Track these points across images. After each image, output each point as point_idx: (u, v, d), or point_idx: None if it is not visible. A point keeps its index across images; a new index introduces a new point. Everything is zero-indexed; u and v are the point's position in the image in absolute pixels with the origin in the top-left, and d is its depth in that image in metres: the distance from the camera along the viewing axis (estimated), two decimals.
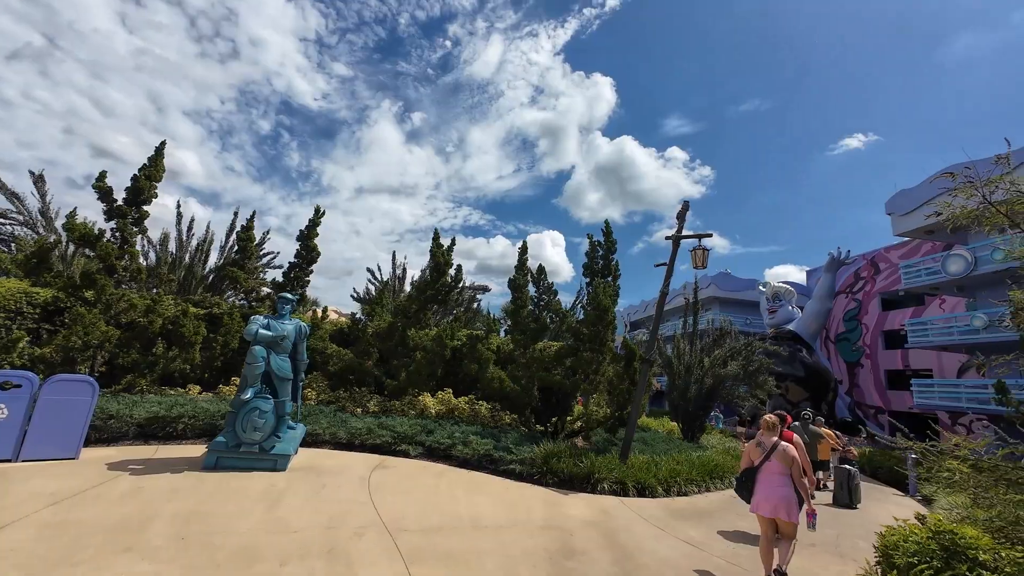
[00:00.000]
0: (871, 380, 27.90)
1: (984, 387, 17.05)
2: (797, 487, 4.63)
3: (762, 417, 5.10)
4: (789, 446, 4.78)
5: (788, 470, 4.67)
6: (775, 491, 4.61)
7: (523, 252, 12.16)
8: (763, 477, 4.76)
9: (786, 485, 4.62)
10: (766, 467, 4.76)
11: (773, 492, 4.61)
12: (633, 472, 7.95)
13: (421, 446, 8.88)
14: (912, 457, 11.87)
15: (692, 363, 14.00)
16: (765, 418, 5.04)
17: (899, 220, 20.56)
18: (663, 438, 12.94)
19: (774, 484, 4.65)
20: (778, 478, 4.66)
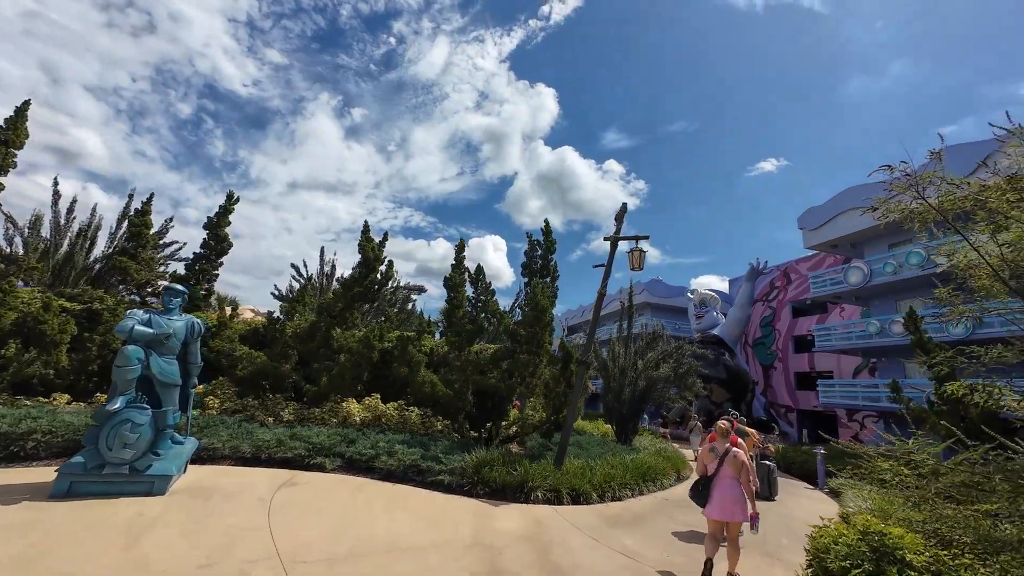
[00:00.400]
0: (783, 381, 30.29)
1: (875, 386, 18.95)
2: (744, 490, 4.84)
3: (717, 424, 5.30)
4: (739, 452, 5.00)
5: (738, 474, 4.88)
6: (728, 495, 4.80)
7: (460, 250, 11.61)
8: (717, 482, 4.93)
9: (737, 488, 4.84)
10: (719, 473, 4.94)
11: (726, 496, 4.80)
12: (568, 479, 7.65)
13: (340, 458, 8.00)
14: (821, 454, 12.76)
15: (627, 366, 14.16)
16: (719, 424, 5.24)
17: (809, 234, 22.48)
18: (598, 441, 12.90)
19: (727, 488, 4.85)
20: (730, 482, 4.87)
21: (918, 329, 11.12)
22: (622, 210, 9.77)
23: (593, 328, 9.04)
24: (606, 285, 9.21)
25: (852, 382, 20.83)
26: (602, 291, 9.20)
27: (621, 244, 9.61)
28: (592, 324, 9.06)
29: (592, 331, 9.04)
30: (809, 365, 28.77)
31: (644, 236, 9.26)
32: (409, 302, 17.39)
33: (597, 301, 9.21)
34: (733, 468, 4.90)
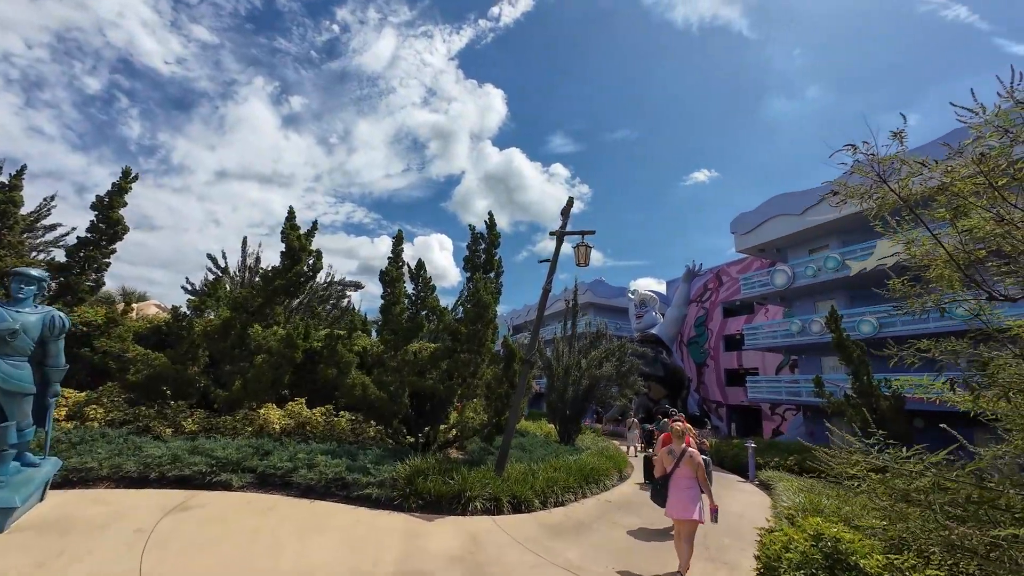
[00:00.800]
0: (714, 378, 31.95)
1: (796, 382, 20.31)
2: (701, 487, 5.04)
3: (671, 424, 5.54)
4: (695, 452, 5.17)
5: (694, 473, 5.04)
6: (685, 494, 4.95)
7: (398, 242, 10.82)
8: (674, 482, 5.07)
9: (694, 487, 4.99)
10: (676, 473, 5.10)
11: (684, 495, 4.95)
12: (509, 485, 7.18)
13: (251, 473, 6.99)
14: (751, 447, 13.27)
15: (571, 364, 13.99)
16: (674, 426, 5.42)
17: (740, 238, 23.74)
18: (541, 442, 12.58)
19: (684, 488, 4.99)
20: (687, 481, 5.02)
21: (838, 328, 11.82)
22: (568, 204, 9.48)
23: (537, 326, 8.65)
24: (551, 281, 8.87)
25: (776, 378, 22.22)
26: (547, 287, 8.84)
27: (567, 240, 9.31)
28: (537, 321, 8.67)
29: (536, 329, 8.65)
30: (738, 363, 30.54)
31: (590, 231, 9.02)
32: (344, 299, 16.19)
33: (542, 298, 8.84)
34: (690, 468, 5.06)
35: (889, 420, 11.09)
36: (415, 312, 10.72)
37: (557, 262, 9.05)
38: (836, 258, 18.57)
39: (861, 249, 17.92)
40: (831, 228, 19.92)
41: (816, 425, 20.03)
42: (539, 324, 8.63)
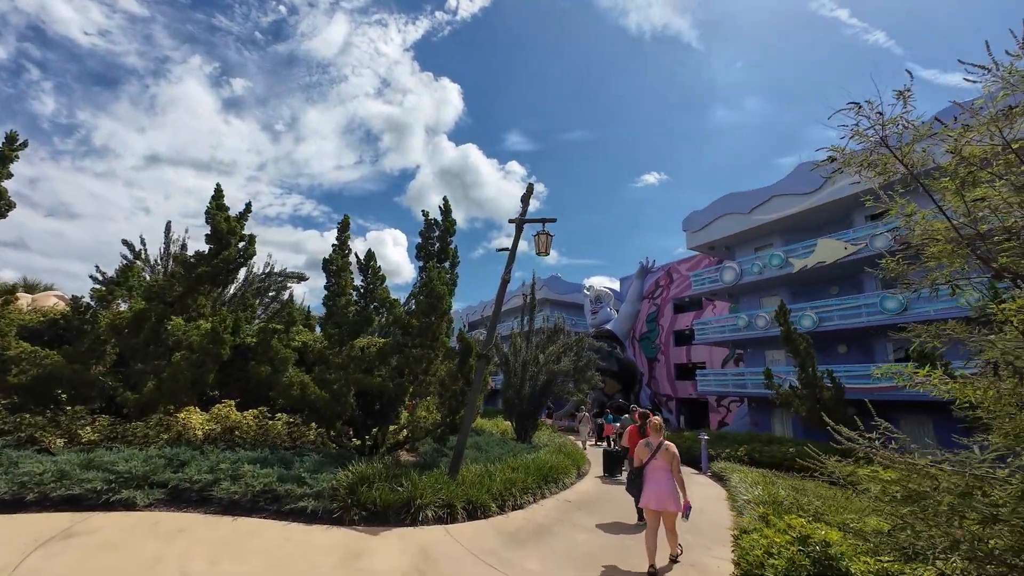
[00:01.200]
0: (664, 373, 32.85)
1: (742, 375, 21.12)
2: (676, 481, 5.04)
3: (650, 419, 5.57)
4: (671, 445, 5.22)
5: (670, 466, 5.08)
6: (661, 486, 4.97)
7: (343, 228, 9.94)
8: (650, 474, 5.11)
9: (670, 480, 5.02)
10: (652, 464, 5.14)
11: (659, 487, 4.97)
12: (464, 490, 6.62)
13: (161, 489, 6.00)
14: (704, 439, 13.46)
15: (528, 360, 13.60)
16: (653, 420, 5.52)
17: (691, 236, 24.40)
18: (497, 440, 12.10)
19: (660, 480, 5.02)
20: (663, 474, 5.05)
21: (786, 321, 12.16)
22: (528, 191, 9.01)
23: (495, 318, 8.14)
24: (510, 270, 8.37)
25: (723, 372, 23.03)
26: (506, 278, 8.34)
27: (526, 231, 8.85)
28: (494, 314, 8.15)
29: (494, 321, 8.13)
30: (687, 357, 31.56)
31: (551, 219, 8.61)
32: (286, 291, 14.88)
33: (500, 289, 8.33)
34: (666, 460, 5.10)
35: (831, 409, 11.54)
36: (364, 305, 9.89)
37: (516, 252, 8.57)
38: (780, 255, 19.41)
39: (803, 247, 18.82)
40: (775, 227, 20.84)
41: (760, 415, 20.95)
42: (496, 317, 8.12)
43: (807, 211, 19.15)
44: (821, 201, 18.49)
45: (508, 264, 8.39)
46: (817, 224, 19.86)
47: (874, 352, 17.36)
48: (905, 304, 15.22)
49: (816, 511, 5.21)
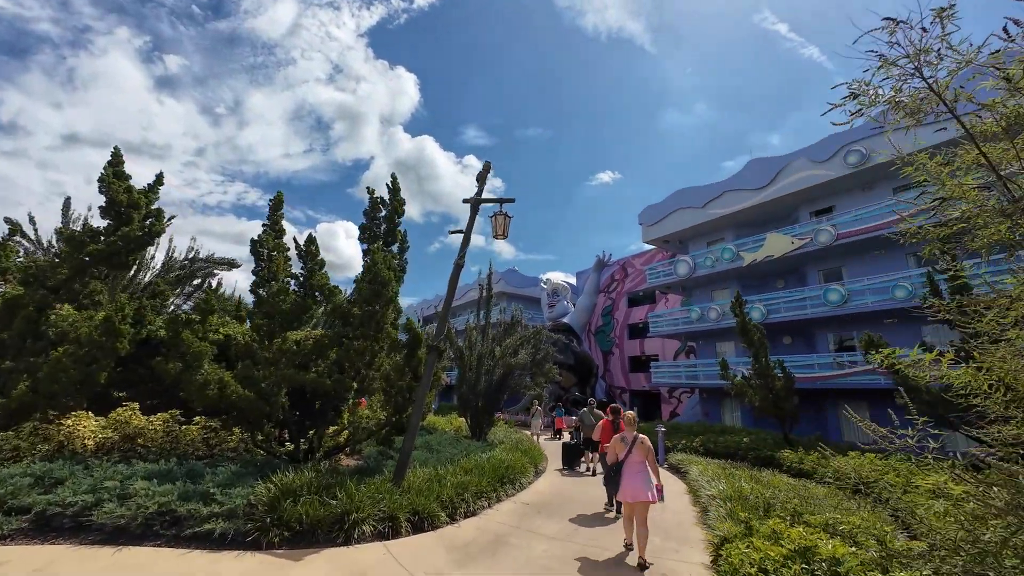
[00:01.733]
0: (619, 365, 33.25)
1: (694, 366, 21.53)
2: (651, 469, 5.23)
3: (623, 413, 6.05)
4: (646, 438, 5.43)
5: (645, 458, 5.27)
6: (638, 478, 5.12)
7: (276, 207, 8.83)
8: (627, 468, 5.26)
9: (645, 472, 5.20)
10: (629, 459, 5.30)
11: (636, 480, 5.11)
12: (410, 498, 5.84)
13: (23, 515, 4.81)
14: (661, 431, 13.35)
15: (484, 353, 12.91)
16: (627, 414, 5.87)
17: (647, 229, 24.59)
18: (450, 439, 11.35)
19: (636, 472, 5.18)
20: (638, 466, 5.23)
21: (742, 312, 12.20)
22: (485, 169, 8.29)
23: (447, 306, 7.37)
24: (464, 254, 7.62)
25: (677, 363, 23.43)
26: (459, 261, 7.58)
27: (484, 216, 8.11)
28: (446, 301, 7.38)
29: (446, 309, 7.36)
30: (640, 350, 32.07)
31: (509, 199, 7.93)
32: (213, 277, 13.25)
33: (453, 273, 7.56)
34: (642, 453, 5.29)
35: (783, 399, 11.68)
36: (302, 294, 8.80)
37: (471, 234, 7.82)
38: (731, 249, 19.84)
39: (753, 241, 19.31)
40: (727, 222, 21.31)
41: (711, 406, 21.45)
42: (449, 304, 7.35)
43: (757, 206, 19.66)
44: (770, 197, 19.03)
45: (462, 247, 7.63)
46: (766, 220, 20.48)
47: (816, 343, 18.09)
48: (846, 297, 15.88)
49: (795, 510, 4.88)
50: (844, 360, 15.74)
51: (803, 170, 17.91)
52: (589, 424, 11.35)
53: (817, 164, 17.48)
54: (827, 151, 17.18)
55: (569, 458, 11.20)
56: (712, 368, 20.22)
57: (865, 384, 15.14)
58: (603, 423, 7.83)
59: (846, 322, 16.81)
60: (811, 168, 17.65)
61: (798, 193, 18.34)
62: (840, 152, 16.74)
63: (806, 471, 9.53)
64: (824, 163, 17.28)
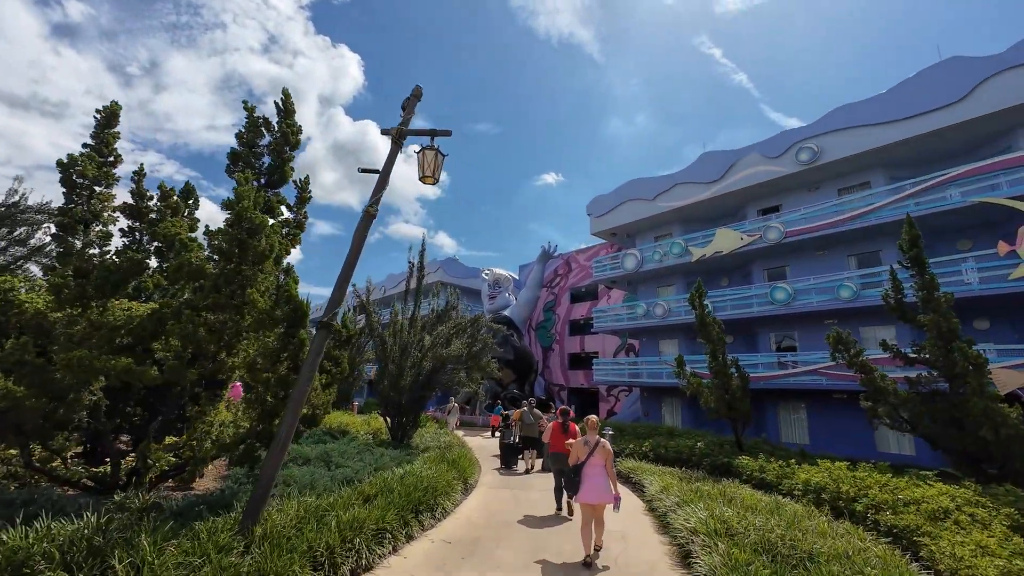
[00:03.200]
0: (558, 362, 32.21)
1: (636, 364, 20.72)
2: (609, 476, 5.27)
3: (588, 418, 5.76)
4: (606, 442, 5.42)
5: (605, 462, 5.29)
6: (598, 481, 5.14)
7: (107, 123, 6.21)
8: (588, 471, 5.24)
9: (604, 475, 5.23)
10: (590, 461, 5.28)
11: (597, 483, 5.13)
12: (258, 558, 3.68)
13: None
14: (609, 434, 11.97)
15: (409, 343, 10.76)
16: (591, 419, 5.74)
17: (595, 220, 23.51)
18: (360, 447, 9.12)
19: (597, 475, 5.19)
20: (599, 469, 5.24)
21: (701, 304, 11.09)
22: (414, 94, 6.22)
23: (349, 267, 5.21)
24: (379, 198, 5.51)
25: (619, 361, 22.56)
26: (371, 209, 5.46)
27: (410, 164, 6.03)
28: (349, 259, 5.22)
29: (347, 271, 5.19)
30: (581, 347, 31.21)
31: (444, 132, 5.94)
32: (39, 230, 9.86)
33: (362, 222, 5.42)
34: (602, 457, 5.29)
35: (738, 400, 10.71)
36: (136, 245, 6.22)
37: (389, 175, 5.72)
38: (680, 244, 19.16)
39: (702, 236, 18.72)
40: (676, 216, 20.67)
41: (651, 405, 20.75)
42: (352, 264, 5.20)
43: (707, 201, 19.11)
44: (720, 192, 18.52)
45: (377, 189, 5.51)
46: (714, 216, 20.06)
47: (758, 342, 17.82)
48: (792, 295, 15.56)
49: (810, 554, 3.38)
50: (788, 360, 15.43)
51: (755, 165, 17.51)
52: (528, 423, 10.94)
53: (769, 160, 17.13)
54: (780, 147, 16.86)
55: (507, 457, 11.13)
56: (655, 367, 19.49)
57: (805, 385, 14.85)
58: (552, 425, 7.55)
59: (788, 321, 16.58)
60: (763, 163, 17.28)
61: (748, 189, 17.96)
62: (793, 148, 16.46)
63: (769, 482, 8.45)
64: (776, 159, 16.96)
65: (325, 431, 10.59)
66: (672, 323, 19.04)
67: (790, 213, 16.38)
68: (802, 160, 16.13)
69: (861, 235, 15.19)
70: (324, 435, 10.54)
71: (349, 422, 11.73)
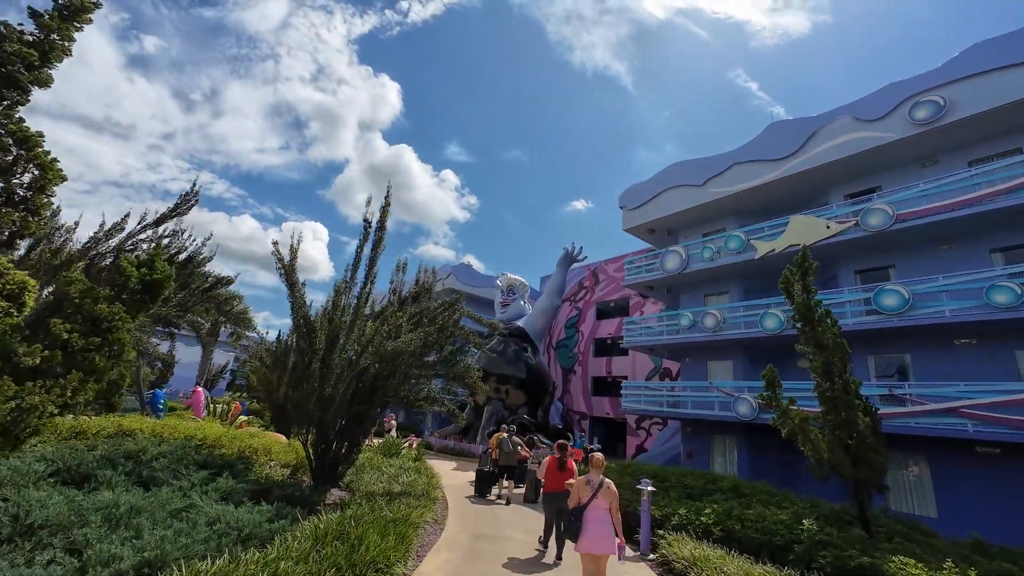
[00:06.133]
0: (580, 387, 27.82)
1: (678, 389, 16.34)
2: (614, 522, 4.85)
3: (593, 455, 5.29)
4: (611, 483, 5.02)
5: (609, 505, 4.87)
6: (602, 528, 4.78)
7: None
8: (590, 515, 4.84)
9: (609, 522, 4.83)
10: (593, 504, 4.88)
11: (600, 529, 4.77)
12: None
13: None
14: (648, 490, 7.81)
15: (338, 329, 7.04)
16: (594, 456, 5.26)
17: (629, 214, 19.62)
18: (222, 493, 5.33)
19: (600, 521, 4.81)
20: (603, 514, 4.84)
21: (807, 287, 6.92)
22: None
23: None
24: None
25: (655, 385, 18.15)
26: None
27: None
28: None
29: None
30: (607, 369, 26.80)
31: None
32: None
33: None
34: (607, 500, 4.92)
35: (870, 449, 6.42)
36: None
37: None
38: (740, 237, 14.97)
39: (769, 228, 14.51)
40: (732, 205, 16.52)
41: (697, 444, 16.17)
42: None
43: (775, 183, 14.96)
44: (795, 170, 14.37)
45: None
46: (783, 204, 15.80)
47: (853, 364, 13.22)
48: (909, 301, 11.08)
49: None
50: (906, 393, 10.82)
51: (845, 133, 13.35)
52: (507, 451, 10.32)
53: (866, 124, 12.96)
54: (883, 106, 12.69)
55: (481, 485, 10.41)
56: (703, 394, 15.09)
57: (935, 429, 10.23)
58: (548, 460, 6.77)
59: (900, 338, 12.03)
60: (857, 129, 13.11)
61: (833, 167, 13.75)
62: (903, 106, 12.26)
63: None
64: (877, 122, 12.77)
65: (213, 457, 6.86)
66: (727, 338, 14.70)
67: (901, 190, 12.04)
68: (918, 119, 11.90)
69: (1008, 219, 10.73)
70: (210, 465, 6.81)
71: (262, 446, 7.99)
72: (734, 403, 13.52)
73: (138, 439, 6.39)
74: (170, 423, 8.85)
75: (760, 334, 13.66)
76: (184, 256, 9.65)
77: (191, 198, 9.09)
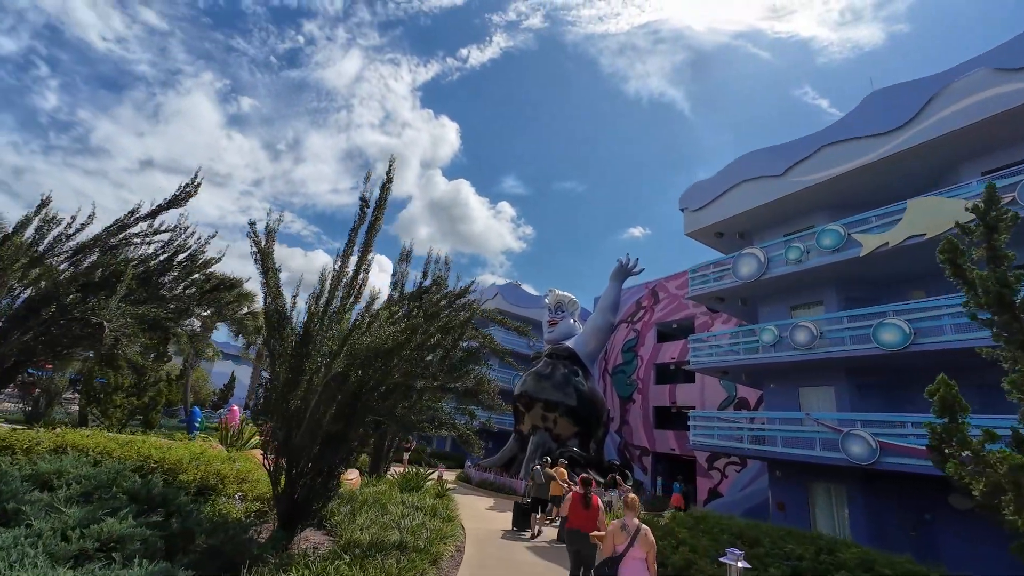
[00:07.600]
0: (640, 417, 24.68)
1: (758, 421, 13.26)
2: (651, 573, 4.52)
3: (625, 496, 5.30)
4: (648, 530, 4.68)
5: (646, 555, 4.53)
6: None
7: None
8: (626, 567, 4.50)
9: (645, 572, 4.49)
10: (629, 554, 4.52)
11: None
12: None
13: None
14: (741, 566, 5.37)
15: (313, 328, 5.50)
16: (628, 497, 5.09)
17: (691, 216, 17.14)
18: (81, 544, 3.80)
19: (638, 573, 4.49)
20: (639, 564, 4.52)
21: (997, 255, 4.45)
22: None
23: None
24: None
25: (736, 415, 15.10)
26: None
27: None
28: None
29: None
30: (670, 398, 23.57)
31: None
32: None
33: None
34: (644, 549, 4.53)
35: None
36: None
37: None
38: (837, 231, 12.08)
39: (877, 217, 11.54)
40: (827, 194, 13.59)
41: (790, 491, 12.86)
42: None
43: (882, 163, 12.01)
44: (908, 144, 11.42)
45: None
46: (890, 191, 12.71)
47: (994, 396, 9.75)
48: None
49: None
50: None
51: (980, 90, 10.37)
52: (540, 482, 10.05)
53: (1013, 75, 9.96)
54: None
55: (518, 519, 9.96)
56: (796, 427, 11.97)
57: None
58: (572, 496, 6.54)
59: None
60: (999, 83, 10.11)
61: (964, 134, 10.70)
62: None
63: None
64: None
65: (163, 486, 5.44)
66: (827, 357, 11.64)
67: None
68: None
69: None
70: (147, 497, 5.39)
71: (235, 473, 6.52)
72: (843, 441, 10.42)
73: (64, 459, 5.11)
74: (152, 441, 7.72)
75: (874, 351, 10.59)
76: (184, 256, 8.75)
77: (191, 188, 8.22)
